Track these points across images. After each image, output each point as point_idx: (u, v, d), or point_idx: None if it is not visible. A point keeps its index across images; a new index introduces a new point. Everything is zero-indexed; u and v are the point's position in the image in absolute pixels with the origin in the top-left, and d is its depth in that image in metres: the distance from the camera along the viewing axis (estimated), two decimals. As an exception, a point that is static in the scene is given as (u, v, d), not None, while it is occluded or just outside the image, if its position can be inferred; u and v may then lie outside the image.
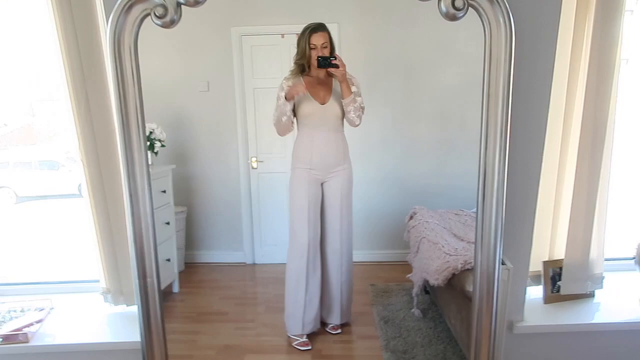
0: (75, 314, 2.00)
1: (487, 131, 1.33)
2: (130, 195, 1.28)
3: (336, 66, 2.36)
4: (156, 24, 1.22)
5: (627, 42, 1.73)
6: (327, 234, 2.63)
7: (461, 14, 1.26)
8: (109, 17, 1.22)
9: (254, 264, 3.75)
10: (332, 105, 2.48)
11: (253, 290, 3.44)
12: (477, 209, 1.38)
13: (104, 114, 1.62)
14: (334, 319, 2.68)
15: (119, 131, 1.24)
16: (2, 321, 1.91)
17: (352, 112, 2.45)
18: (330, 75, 2.48)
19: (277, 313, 2.75)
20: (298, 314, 2.57)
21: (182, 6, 1.23)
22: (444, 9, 1.27)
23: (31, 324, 1.88)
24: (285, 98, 2.41)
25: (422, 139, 3.66)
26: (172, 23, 1.23)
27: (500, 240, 1.37)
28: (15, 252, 3.89)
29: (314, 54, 2.40)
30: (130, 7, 1.20)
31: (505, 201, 1.35)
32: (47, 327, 1.94)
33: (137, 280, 1.35)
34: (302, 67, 2.47)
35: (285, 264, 2.65)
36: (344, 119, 2.52)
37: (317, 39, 2.40)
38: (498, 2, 1.24)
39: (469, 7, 1.26)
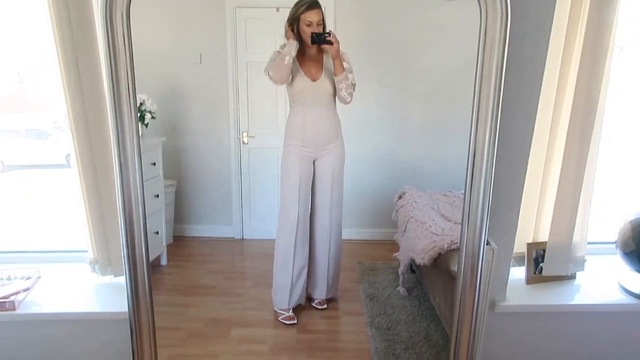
0: (63, 284, 2.00)
1: (479, 112, 1.34)
2: (120, 165, 1.27)
3: (330, 42, 2.33)
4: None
5: (622, 29, 1.74)
6: (317, 210, 2.65)
7: (458, -7, 1.25)
8: (101, -18, 1.20)
9: (243, 239, 3.76)
10: (323, 82, 2.47)
11: (241, 265, 3.47)
12: (464, 189, 1.40)
13: (95, 83, 1.60)
14: (320, 294, 2.72)
15: (109, 101, 1.23)
16: (-12, 288, 1.91)
17: (343, 90, 2.44)
18: (321, 51, 2.46)
19: (264, 288, 2.78)
20: (285, 288, 2.61)
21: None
22: (440, -13, 1.26)
23: (18, 292, 1.89)
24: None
25: (415, 120, 3.66)
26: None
27: (487, 221, 1.39)
28: (2, 221, 3.86)
29: (309, 31, 2.36)
30: (122, -27, 1.18)
31: (493, 182, 1.36)
32: (35, 295, 1.95)
33: (125, 250, 1.36)
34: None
35: (274, 239, 2.67)
36: (336, 96, 2.51)
37: (313, 16, 2.35)
38: (495, -18, 1.23)
39: (466, -14, 1.25)
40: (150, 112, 3.01)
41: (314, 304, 2.71)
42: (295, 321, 2.55)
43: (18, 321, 1.86)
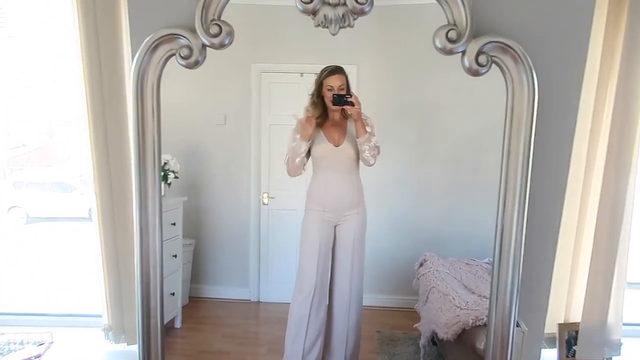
0: (75, 350, 1.96)
1: (506, 189, 1.31)
2: (141, 230, 1.26)
3: (351, 104, 2.37)
4: (180, 64, 1.23)
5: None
6: (337, 276, 2.59)
7: (484, 70, 1.26)
8: (135, 54, 1.23)
9: (259, 302, 3.68)
10: (346, 147, 2.49)
11: (256, 330, 3.37)
12: (492, 268, 1.35)
13: (121, 147, 1.64)
14: None
15: (134, 167, 1.24)
16: (1, 353, 1.87)
17: (366, 152, 2.45)
18: (345, 117, 2.50)
19: (277, 355, 2.69)
20: (297, 355, 2.51)
21: (207, 48, 1.24)
22: (467, 64, 1.27)
23: (30, 359, 1.84)
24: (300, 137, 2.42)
25: (435, 184, 3.62)
26: (196, 64, 1.24)
27: (516, 302, 1.33)
28: (21, 277, 3.87)
29: (330, 95, 2.41)
30: (156, 47, 1.22)
31: (522, 262, 1.31)
32: (47, 362, 1.90)
33: (140, 319, 1.32)
34: (315, 105, 2.48)
35: (289, 303, 2.60)
36: (359, 161, 2.51)
37: (334, 81, 2.43)
38: (522, 60, 1.23)
39: (492, 64, 1.25)
40: (173, 171, 3.04)
41: None
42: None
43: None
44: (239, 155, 3.70)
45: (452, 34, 1.25)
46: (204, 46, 1.24)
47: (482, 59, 1.24)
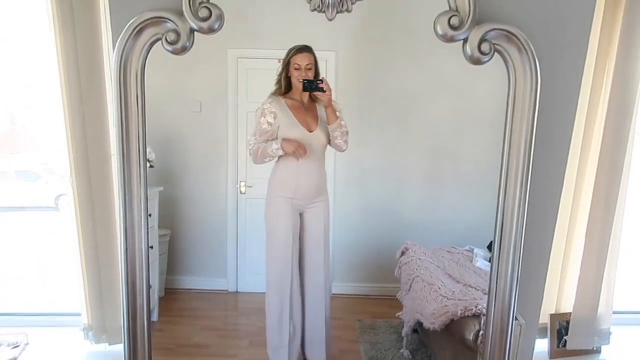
0: (53, 351, 1.87)
1: (507, 179, 1.28)
2: (126, 230, 1.19)
3: (322, 90, 2.31)
4: (167, 49, 1.15)
5: None
6: (308, 268, 2.56)
7: (486, 59, 1.22)
8: (116, 39, 1.14)
9: (237, 292, 3.62)
10: (318, 134, 2.45)
11: (235, 322, 3.32)
12: (491, 261, 1.33)
13: (100, 139, 1.54)
14: (320, 358, 2.58)
15: (118, 163, 1.16)
16: (-30, 356, 1.77)
17: (338, 138, 2.42)
18: (313, 100, 2.44)
19: (260, 347, 2.66)
20: (284, 348, 2.48)
21: (195, 32, 1.16)
22: (468, 52, 1.23)
23: (3, 363, 1.75)
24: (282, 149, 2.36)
25: (414, 171, 3.61)
26: (183, 50, 1.16)
27: (516, 294, 1.31)
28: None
29: (297, 74, 2.35)
30: (140, 31, 1.13)
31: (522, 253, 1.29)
32: (22, 366, 1.81)
33: (125, 321, 1.25)
34: (279, 86, 2.43)
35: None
36: (328, 146, 2.47)
37: (302, 60, 2.37)
38: (526, 49, 1.20)
39: (495, 52, 1.21)
40: (149, 160, 2.91)
41: None
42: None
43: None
44: (216, 143, 3.60)
45: (455, 20, 1.20)
46: (192, 31, 1.15)
47: (485, 47, 1.20)
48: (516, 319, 1.48)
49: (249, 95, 3.58)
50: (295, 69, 2.41)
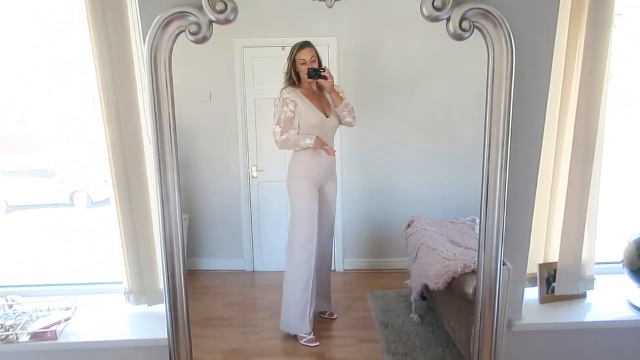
0: (99, 314, 2.07)
1: (490, 142, 1.45)
2: (162, 197, 1.38)
3: (325, 77, 2.52)
4: (190, 40, 1.32)
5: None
6: (321, 230, 2.78)
7: (467, 35, 1.39)
8: (146, 33, 1.32)
9: (254, 272, 3.80)
10: (332, 118, 2.66)
11: (253, 297, 3.50)
12: (480, 215, 1.50)
13: (132, 118, 1.72)
14: (329, 307, 2.91)
15: (152, 138, 1.34)
16: (30, 320, 1.97)
17: (347, 116, 2.65)
18: (320, 88, 2.64)
19: (279, 319, 2.83)
20: (305, 313, 2.69)
21: (213, 24, 1.33)
22: (451, 29, 1.39)
23: (58, 322, 1.95)
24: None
25: (416, 149, 3.75)
26: (204, 39, 1.34)
27: (502, 243, 1.48)
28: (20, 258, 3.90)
29: (304, 68, 2.56)
30: (167, 24, 1.31)
31: (506, 208, 1.46)
32: (73, 326, 2.01)
33: (165, 279, 1.44)
34: (292, 80, 2.63)
35: (283, 271, 2.76)
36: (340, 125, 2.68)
37: (305, 54, 2.60)
38: (501, 25, 1.36)
39: (474, 29, 1.38)
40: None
41: (326, 316, 2.87)
42: (318, 343, 2.62)
43: (59, 350, 1.91)
44: (226, 131, 3.76)
45: (438, 3, 1.36)
46: (210, 22, 1.33)
47: (465, 24, 1.36)
48: (505, 264, 1.66)
49: (256, 83, 3.73)
50: (302, 64, 2.65)
